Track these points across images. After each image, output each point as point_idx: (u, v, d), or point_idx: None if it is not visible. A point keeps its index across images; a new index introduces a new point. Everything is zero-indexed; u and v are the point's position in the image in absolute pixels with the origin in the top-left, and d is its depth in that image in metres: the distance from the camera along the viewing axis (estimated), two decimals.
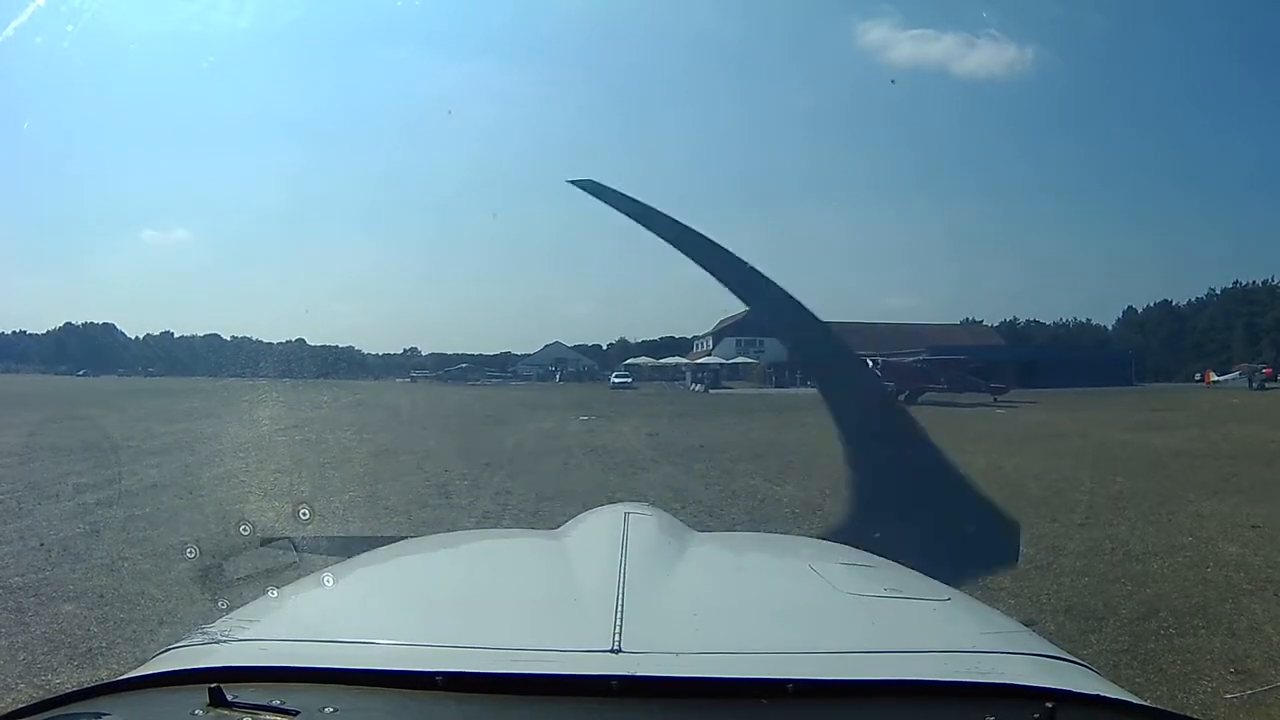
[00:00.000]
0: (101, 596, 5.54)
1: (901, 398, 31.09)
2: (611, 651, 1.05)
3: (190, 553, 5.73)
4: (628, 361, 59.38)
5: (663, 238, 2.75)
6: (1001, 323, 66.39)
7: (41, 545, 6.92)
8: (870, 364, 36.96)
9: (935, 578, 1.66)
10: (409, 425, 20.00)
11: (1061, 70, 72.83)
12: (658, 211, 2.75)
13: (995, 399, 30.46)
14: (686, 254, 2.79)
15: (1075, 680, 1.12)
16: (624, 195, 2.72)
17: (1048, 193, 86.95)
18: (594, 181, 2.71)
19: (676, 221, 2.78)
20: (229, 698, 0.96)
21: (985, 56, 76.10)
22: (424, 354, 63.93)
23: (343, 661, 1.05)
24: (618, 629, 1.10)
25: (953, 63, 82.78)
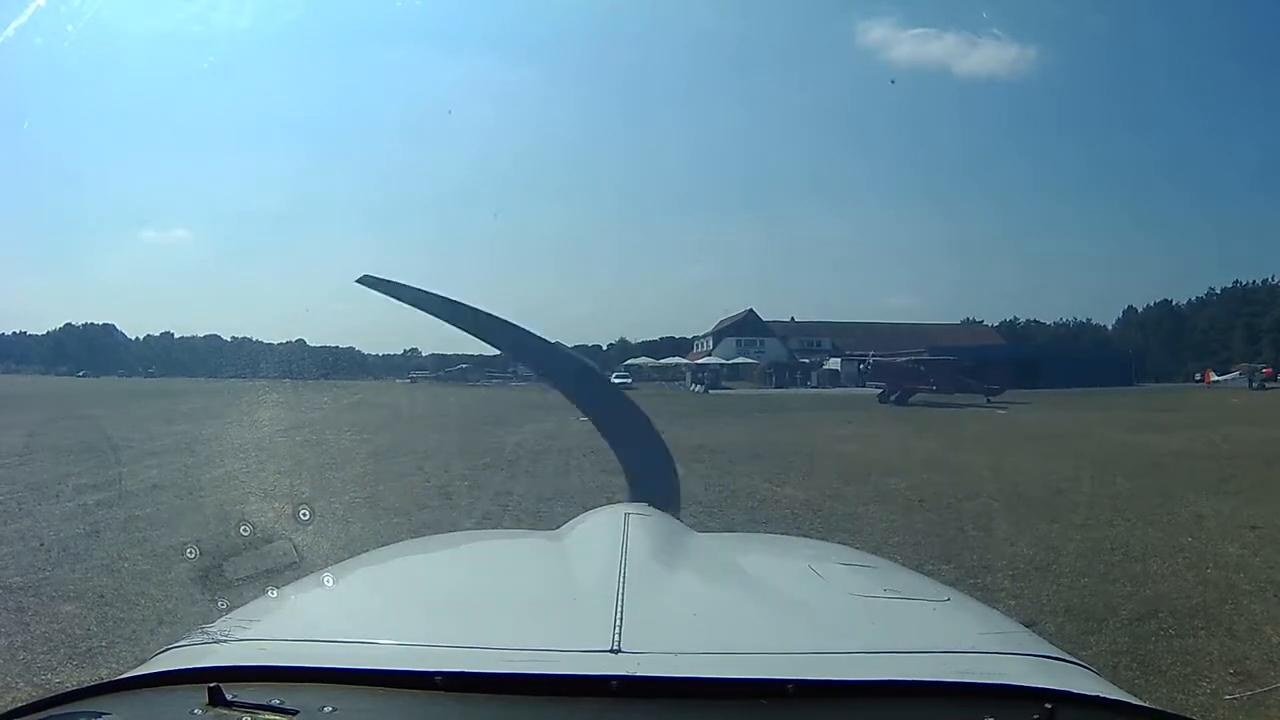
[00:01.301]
0: (102, 596, 5.54)
1: (893, 398, 31.06)
2: (611, 651, 1.05)
3: (190, 553, 5.73)
4: (628, 362, 59.37)
5: (458, 326, 2.78)
6: (1002, 322, 66.50)
7: (42, 545, 6.92)
8: (862, 363, 36.92)
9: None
10: (409, 426, 20.00)
11: (1062, 70, 72.99)
12: (447, 300, 2.77)
13: (989, 399, 30.32)
14: (481, 337, 2.84)
15: (1075, 681, 1.12)
16: (407, 287, 2.76)
17: (1048, 193, 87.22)
18: (373, 277, 2.74)
19: (469, 308, 2.79)
20: (228, 697, 0.96)
21: (987, 56, 76.19)
22: (424, 354, 63.88)
23: (342, 661, 1.05)
24: (617, 629, 1.10)
25: (954, 62, 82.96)
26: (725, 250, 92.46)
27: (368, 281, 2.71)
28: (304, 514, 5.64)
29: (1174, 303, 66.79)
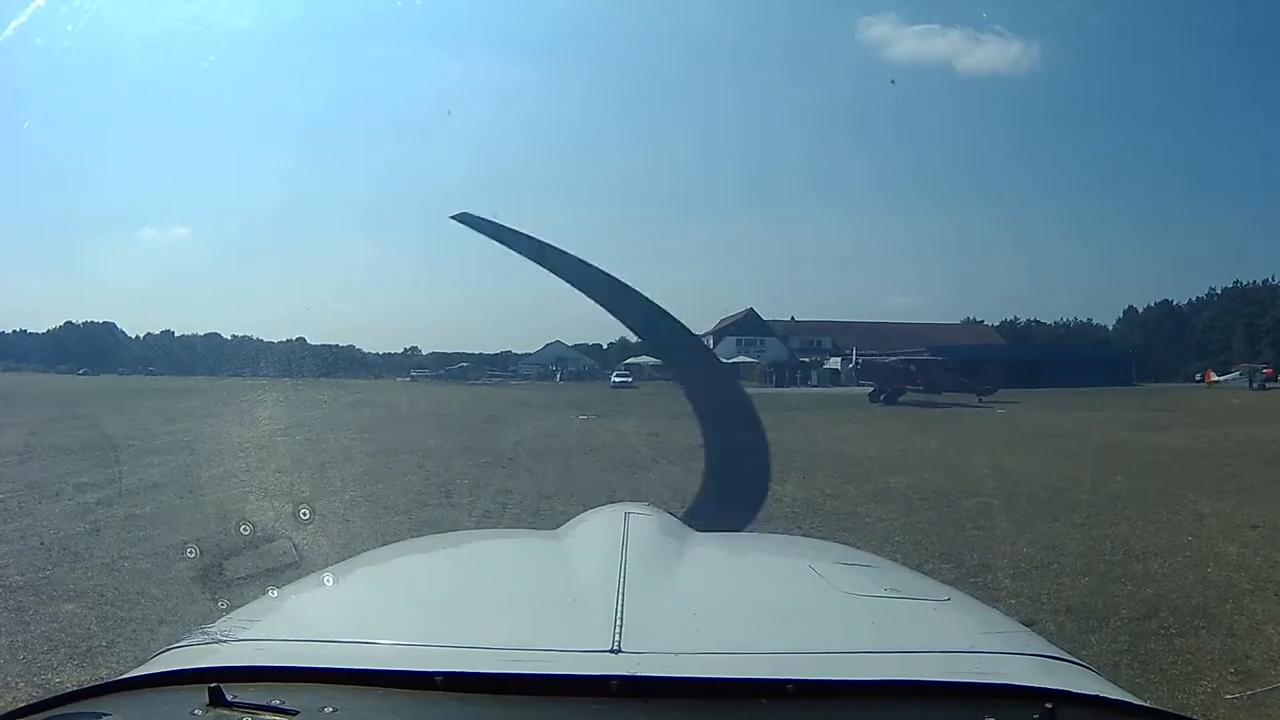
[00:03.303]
0: (102, 595, 5.54)
1: (882, 398, 30.99)
2: (611, 651, 1.05)
3: (190, 552, 5.73)
4: (628, 361, 59.26)
5: (552, 270, 2.77)
6: (1002, 322, 66.43)
7: (42, 544, 6.92)
8: (854, 362, 36.89)
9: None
10: (409, 424, 20.01)
11: (1063, 69, 72.88)
12: (541, 243, 2.77)
13: (981, 399, 30.30)
14: (574, 284, 2.83)
15: (1075, 680, 1.12)
16: (507, 228, 2.76)
17: (1048, 193, 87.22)
18: (472, 215, 2.73)
19: (561, 252, 2.79)
20: (228, 697, 0.96)
21: (990, 53, 75.98)
22: (424, 353, 63.96)
23: (342, 661, 1.05)
24: (618, 629, 1.10)
25: (956, 59, 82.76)
26: (725, 250, 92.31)
27: (464, 219, 2.69)
28: (304, 513, 5.66)
29: (1174, 303, 66.77)
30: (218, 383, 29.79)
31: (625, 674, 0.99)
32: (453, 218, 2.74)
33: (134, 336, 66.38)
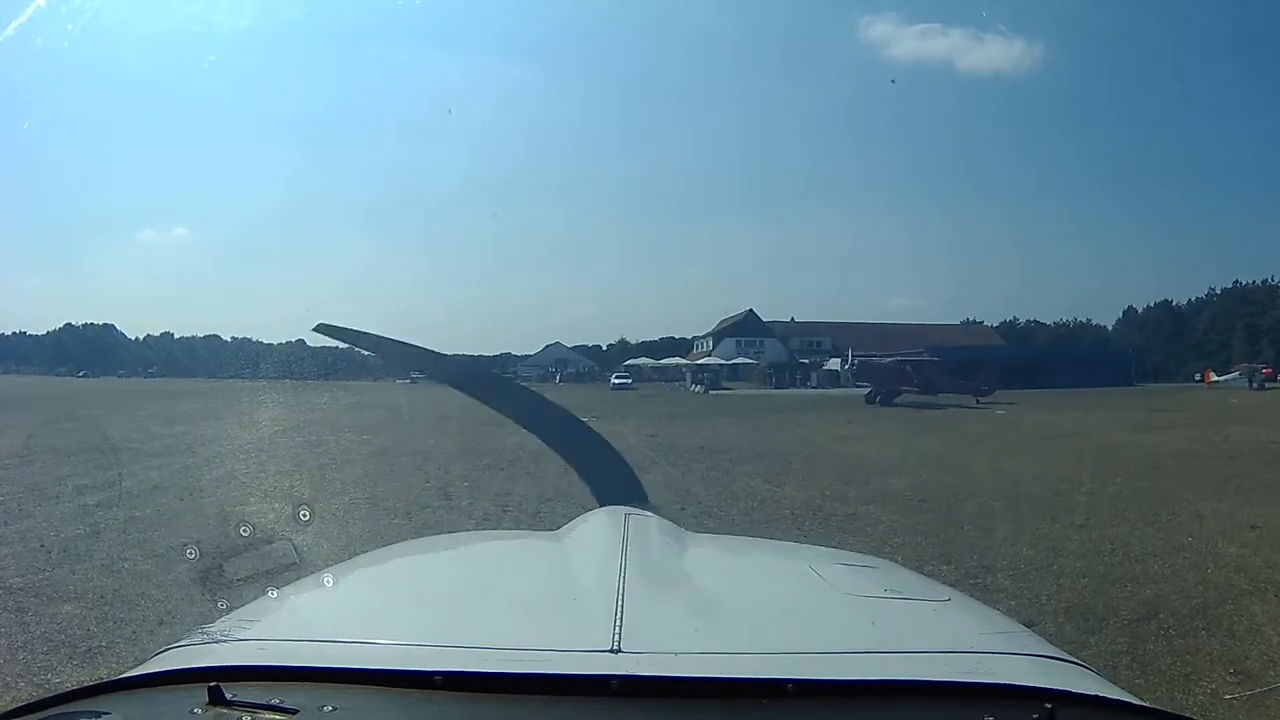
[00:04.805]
0: (102, 597, 5.54)
1: (878, 399, 30.90)
2: (611, 651, 1.05)
3: (190, 553, 5.72)
4: (628, 362, 59.30)
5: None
6: (1002, 323, 66.41)
7: (42, 546, 6.92)
8: (849, 363, 36.72)
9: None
10: (409, 427, 19.98)
11: (1064, 69, 72.94)
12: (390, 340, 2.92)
13: (979, 400, 30.26)
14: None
15: (1075, 681, 1.12)
16: (357, 332, 2.87)
17: (1048, 193, 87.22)
18: (327, 325, 2.82)
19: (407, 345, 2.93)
20: (228, 696, 0.96)
21: (991, 53, 75.97)
22: None
23: (342, 661, 1.05)
24: (618, 629, 1.10)
25: (957, 58, 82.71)
26: (725, 250, 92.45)
27: (323, 329, 2.79)
28: (304, 514, 5.66)
29: (1174, 303, 66.76)
30: (217, 385, 29.80)
31: (625, 674, 0.99)
32: (315, 330, 2.83)
33: (134, 338, 66.44)
